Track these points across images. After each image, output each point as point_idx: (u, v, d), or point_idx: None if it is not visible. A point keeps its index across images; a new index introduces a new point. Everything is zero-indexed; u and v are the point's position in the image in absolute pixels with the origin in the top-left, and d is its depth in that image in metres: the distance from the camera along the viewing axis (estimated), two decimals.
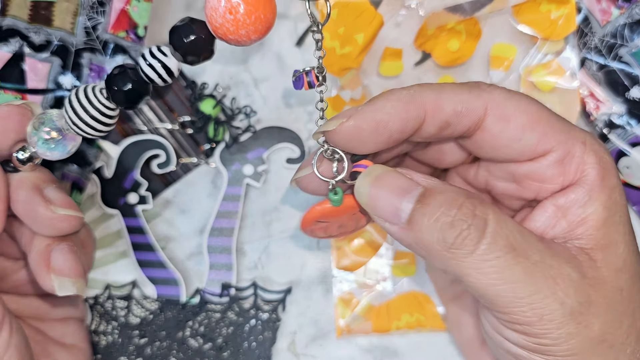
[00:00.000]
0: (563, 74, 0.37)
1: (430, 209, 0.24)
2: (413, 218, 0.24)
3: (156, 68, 0.26)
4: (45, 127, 0.28)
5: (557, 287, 0.24)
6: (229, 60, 0.38)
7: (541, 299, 0.23)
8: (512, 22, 0.37)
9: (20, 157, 0.28)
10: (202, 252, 0.37)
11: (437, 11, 0.36)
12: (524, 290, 0.23)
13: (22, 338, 0.28)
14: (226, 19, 0.24)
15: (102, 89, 0.27)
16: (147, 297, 0.37)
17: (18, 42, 0.34)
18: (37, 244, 0.29)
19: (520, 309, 0.24)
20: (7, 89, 0.35)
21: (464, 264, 0.23)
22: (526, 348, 0.25)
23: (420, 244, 0.24)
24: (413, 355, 0.37)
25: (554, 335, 0.24)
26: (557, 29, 0.37)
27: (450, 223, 0.23)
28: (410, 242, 0.24)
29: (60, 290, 0.28)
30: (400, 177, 0.25)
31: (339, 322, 0.37)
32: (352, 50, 0.36)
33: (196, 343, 0.37)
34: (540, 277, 0.24)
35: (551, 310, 0.24)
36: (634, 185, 0.37)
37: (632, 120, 0.37)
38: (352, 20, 0.36)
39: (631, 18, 0.36)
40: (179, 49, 0.25)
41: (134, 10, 0.35)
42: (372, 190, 0.25)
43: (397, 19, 0.37)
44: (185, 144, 0.37)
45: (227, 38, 0.24)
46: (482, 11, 0.36)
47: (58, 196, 0.29)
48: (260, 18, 0.24)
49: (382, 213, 0.25)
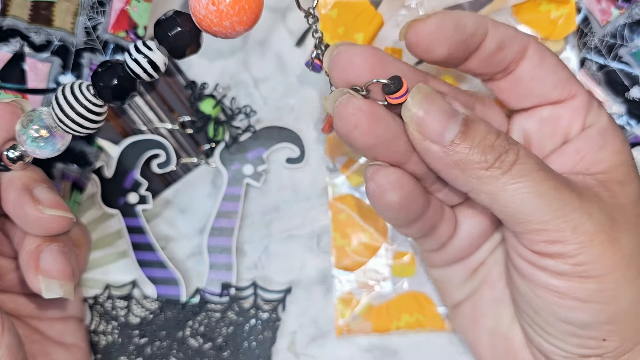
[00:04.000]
0: None
1: (473, 132, 0.26)
2: (457, 138, 0.26)
3: (141, 63, 0.25)
4: (34, 125, 0.27)
5: (583, 203, 0.26)
6: (229, 60, 0.38)
7: (571, 210, 0.25)
8: (512, 21, 0.37)
9: (10, 156, 0.28)
10: (202, 252, 0.37)
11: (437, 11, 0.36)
12: (556, 202, 0.25)
13: (14, 337, 0.27)
14: (209, 10, 0.23)
15: (89, 86, 0.27)
16: (147, 296, 0.37)
17: (18, 42, 0.34)
18: (28, 244, 0.28)
19: (554, 222, 0.25)
20: (7, 88, 0.35)
21: (500, 182, 0.25)
22: (564, 275, 0.26)
23: (459, 163, 0.26)
24: (413, 355, 0.37)
25: (589, 252, 0.26)
26: (556, 28, 0.37)
27: (491, 146, 0.26)
28: (448, 161, 0.26)
29: (47, 292, 0.28)
30: (445, 101, 0.26)
31: (339, 321, 0.37)
32: None
33: (196, 343, 0.37)
34: (568, 193, 0.26)
35: (582, 222, 0.26)
36: None
37: (631, 120, 0.37)
38: (352, 20, 0.36)
39: (631, 18, 0.36)
40: (163, 43, 0.25)
41: (133, 10, 0.35)
42: (423, 105, 0.26)
43: (397, 19, 0.37)
44: (185, 144, 0.38)
45: (212, 30, 0.24)
46: (482, 11, 0.36)
47: (48, 196, 0.28)
48: (244, 9, 0.23)
49: (429, 130, 0.26)
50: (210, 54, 0.37)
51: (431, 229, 0.30)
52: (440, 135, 0.26)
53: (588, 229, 0.26)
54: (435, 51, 0.27)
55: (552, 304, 0.27)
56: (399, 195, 0.27)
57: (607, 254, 0.26)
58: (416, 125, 0.26)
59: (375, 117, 0.26)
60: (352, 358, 0.38)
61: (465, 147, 0.25)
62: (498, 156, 0.26)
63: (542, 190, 0.26)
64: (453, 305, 0.34)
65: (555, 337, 0.28)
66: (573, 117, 0.29)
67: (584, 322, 0.27)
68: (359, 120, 0.25)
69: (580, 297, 0.26)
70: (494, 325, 0.32)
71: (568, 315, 0.27)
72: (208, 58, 0.37)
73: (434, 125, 0.26)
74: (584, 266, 0.26)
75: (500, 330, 0.31)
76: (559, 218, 0.25)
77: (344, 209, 0.38)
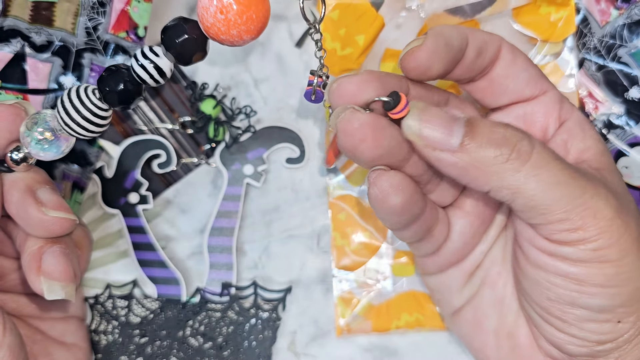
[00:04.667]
0: (561, 75, 0.37)
1: (479, 130, 0.26)
2: (465, 140, 0.26)
3: (148, 69, 0.25)
4: (38, 127, 0.27)
5: (598, 188, 0.26)
6: (229, 60, 0.38)
7: (590, 197, 0.26)
8: (512, 24, 0.37)
9: (14, 157, 0.28)
10: (203, 252, 0.38)
11: (437, 13, 0.36)
12: (577, 190, 0.26)
13: (16, 337, 0.27)
14: (217, 19, 0.23)
15: (95, 90, 0.27)
16: (148, 296, 0.37)
17: (19, 42, 0.34)
18: (30, 245, 0.28)
19: (577, 209, 0.26)
20: (8, 89, 0.35)
21: (521, 173, 0.26)
22: (583, 262, 0.26)
23: (475, 163, 0.26)
24: (413, 355, 0.37)
25: (607, 237, 0.26)
26: (556, 31, 0.37)
27: (503, 138, 0.26)
28: (464, 164, 0.26)
29: (49, 293, 0.28)
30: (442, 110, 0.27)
31: (339, 321, 0.37)
32: (353, 51, 0.36)
33: (196, 342, 0.37)
34: (584, 180, 0.26)
35: (601, 207, 0.26)
36: (633, 185, 0.37)
37: (631, 120, 0.37)
38: (353, 21, 0.36)
39: (630, 19, 0.36)
40: (170, 49, 0.25)
41: (134, 10, 0.35)
42: (422, 118, 0.26)
43: (398, 21, 0.37)
44: (185, 144, 0.38)
45: (219, 38, 0.24)
46: (483, 13, 0.36)
47: (51, 198, 0.28)
48: (252, 18, 0.23)
49: (436, 140, 0.26)
50: (211, 55, 0.37)
51: (427, 231, 0.30)
52: (448, 142, 0.26)
53: (607, 214, 0.26)
54: (431, 71, 0.28)
55: (571, 292, 0.27)
56: (401, 198, 0.27)
57: (623, 238, 0.26)
58: (422, 140, 0.26)
59: (380, 129, 0.26)
60: (352, 358, 0.38)
61: (476, 145, 0.26)
62: (513, 146, 0.26)
63: (563, 179, 0.26)
64: (453, 312, 0.34)
65: (570, 324, 0.28)
66: (548, 112, 0.30)
67: (602, 306, 0.27)
68: (365, 135, 0.26)
69: (598, 282, 0.27)
70: (498, 325, 0.32)
71: (587, 301, 0.27)
72: (208, 59, 0.37)
73: (438, 135, 0.26)
74: (602, 250, 0.26)
75: (505, 329, 0.31)
76: (580, 205, 0.26)
77: (343, 208, 0.38)
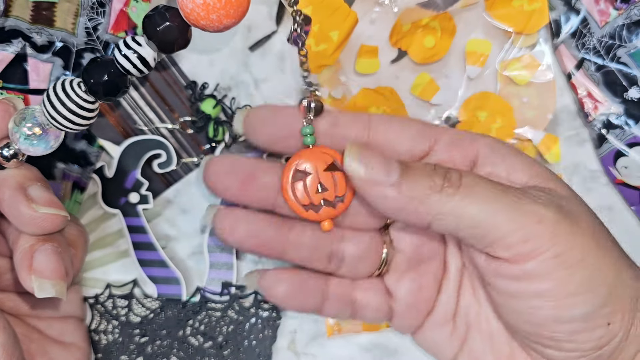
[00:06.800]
0: (537, 67, 0.37)
1: (412, 167, 0.29)
2: (402, 177, 0.28)
3: (131, 59, 0.25)
4: (27, 122, 0.27)
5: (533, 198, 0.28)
6: (229, 60, 0.38)
7: (527, 203, 0.28)
8: (486, 17, 0.37)
9: (4, 154, 0.28)
10: (203, 252, 0.38)
11: (410, 7, 0.36)
12: (512, 200, 0.28)
13: (10, 336, 0.27)
14: (196, 4, 0.23)
15: (80, 82, 0.27)
16: (148, 296, 0.37)
17: (20, 42, 0.34)
18: (22, 244, 0.28)
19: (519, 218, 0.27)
20: (10, 89, 0.35)
21: (457, 196, 0.28)
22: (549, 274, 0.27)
23: (413, 195, 0.28)
24: (412, 354, 0.37)
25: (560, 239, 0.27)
26: (529, 22, 0.37)
27: (433, 171, 0.29)
28: (404, 197, 0.28)
29: (40, 291, 0.27)
30: (377, 152, 0.30)
31: (329, 321, 0.37)
32: (328, 47, 0.37)
33: (197, 341, 0.37)
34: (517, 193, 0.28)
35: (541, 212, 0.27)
36: (632, 185, 0.37)
37: (630, 120, 0.37)
38: (327, 17, 0.36)
39: (629, 19, 0.36)
40: (152, 37, 0.25)
41: (132, 10, 0.35)
42: (363, 162, 0.29)
43: (372, 16, 0.37)
44: (185, 144, 0.38)
45: (200, 24, 0.24)
46: (455, 6, 0.36)
47: (42, 194, 0.28)
48: (230, 2, 0.23)
49: (377, 178, 0.28)
50: (211, 54, 0.38)
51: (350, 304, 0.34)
52: (388, 179, 0.28)
53: (551, 217, 0.27)
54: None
55: (552, 310, 0.27)
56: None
57: (577, 238, 0.27)
58: (366, 178, 0.29)
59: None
60: (352, 357, 0.38)
61: (412, 180, 0.28)
62: (444, 176, 0.28)
63: (496, 193, 0.28)
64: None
65: (564, 341, 0.28)
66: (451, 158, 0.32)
67: (586, 313, 0.27)
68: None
69: (572, 290, 0.27)
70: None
71: (570, 313, 0.27)
72: (209, 59, 0.37)
73: (379, 173, 0.28)
74: (562, 256, 0.27)
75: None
76: (522, 214, 0.27)
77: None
